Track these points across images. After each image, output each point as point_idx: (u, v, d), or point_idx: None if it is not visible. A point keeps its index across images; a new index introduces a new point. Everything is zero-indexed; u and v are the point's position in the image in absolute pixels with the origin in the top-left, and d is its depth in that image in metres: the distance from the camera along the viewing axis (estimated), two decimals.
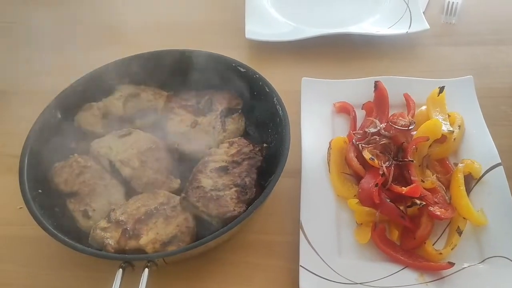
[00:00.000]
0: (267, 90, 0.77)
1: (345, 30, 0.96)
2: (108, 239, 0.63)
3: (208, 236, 0.60)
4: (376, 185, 0.67)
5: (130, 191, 0.71)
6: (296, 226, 0.67)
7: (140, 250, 0.63)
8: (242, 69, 0.80)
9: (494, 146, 0.72)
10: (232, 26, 1.03)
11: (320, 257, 0.64)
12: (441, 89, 0.78)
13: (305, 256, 0.64)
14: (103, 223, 0.66)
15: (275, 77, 0.85)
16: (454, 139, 0.73)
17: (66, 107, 0.78)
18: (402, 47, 0.97)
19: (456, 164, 0.72)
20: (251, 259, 0.68)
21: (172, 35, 1.04)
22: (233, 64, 0.81)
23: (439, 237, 0.66)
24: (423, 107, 0.79)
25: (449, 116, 0.77)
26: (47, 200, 0.68)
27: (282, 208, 0.73)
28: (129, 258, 0.58)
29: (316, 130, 0.80)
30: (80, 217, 0.67)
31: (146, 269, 0.58)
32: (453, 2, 1.02)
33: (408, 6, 0.99)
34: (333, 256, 0.65)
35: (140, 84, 0.84)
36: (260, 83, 0.78)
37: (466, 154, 0.74)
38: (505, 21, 1.00)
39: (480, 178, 0.70)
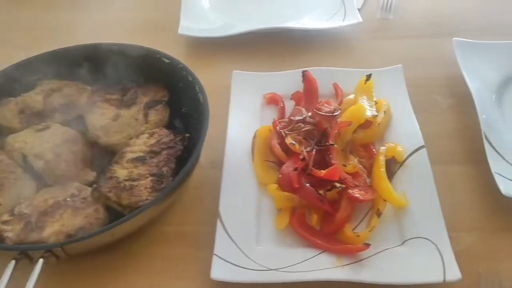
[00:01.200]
0: (190, 79, 0.75)
1: (278, 25, 0.95)
2: (8, 232, 0.59)
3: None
4: (296, 169, 0.65)
5: (43, 186, 0.68)
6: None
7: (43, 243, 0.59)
8: (166, 60, 0.78)
9: (419, 130, 0.71)
10: (169, 24, 1.01)
11: (237, 245, 0.61)
12: (368, 76, 0.78)
13: (220, 245, 0.61)
14: (5, 217, 0.62)
15: (210, 72, 0.85)
16: (379, 124, 0.72)
17: None
18: (338, 42, 0.96)
19: None
20: (169, 251, 0.65)
21: (107, 34, 1.01)
22: (157, 56, 0.79)
23: (361, 221, 0.64)
24: (351, 96, 0.78)
25: (376, 103, 0.76)
26: None
27: (204, 199, 0.70)
28: (22, 248, 0.55)
29: (244, 121, 0.78)
30: None
31: (41, 260, 0.54)
32: None
33: (343, 2, 0.99)
34: (251, 243, 0.62)
35: (64, 79, 0.81)
36: (184, 72, 0.76)
37: (391, 139, 0.73)
38: (439, 15, 1.01)
39: (404, 161, 0.69)
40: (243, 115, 0.79)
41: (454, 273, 0.55)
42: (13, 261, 0.54)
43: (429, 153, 0.69)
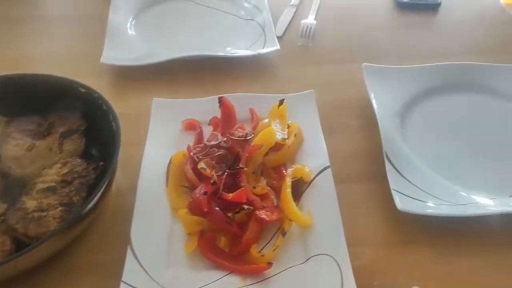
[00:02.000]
0: (105, 108, 0.76)
1: (200, 53, 0.98)
2: None
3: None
4: (205, 193, 0.66)
5: None
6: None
7: None
8: (82, 89, 0.79)
9: (326, 151, 0.75)
10: (94, 53, 1.02)
11: (145, 271, 0.62)
12: (281, 101, 0.81)
13: (129, 272, 0.61)
14: None
15: (133, 100, 0.89)
16: (289, 146, 0.75)
17: None
18: (259, 69, 1.00)
19: None
20: (78, 282, 0.64)
21: (31, 66, 1.01)
22: (74, 85, 0.80)
23: (269, 241, 0.66)
24: (266, 120, 0.81)
25: (288, 126, 0.80)
26: None
27: (119, 227, 0.70)
28: None
29: (161, 148, 0.79)
30: None
31: None
32: (307, 27, 1.08)
33: (263, 30, 1.04)
34: (160, 268, 0.63)
35: None
36: (99, 101, 0.77)
37: (302, 160, 0.76)
38: (352, 43, 1.07)
39: (311, 181, 0.72)
40: (161, 141, 0.80)
41: (350, 287, 0.58)
42: None
43: (337, 173, 0.73)
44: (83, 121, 0.80)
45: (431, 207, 0.67)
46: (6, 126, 0.79)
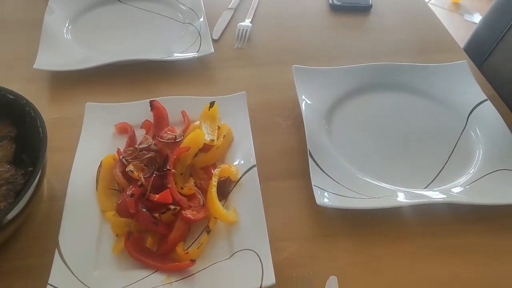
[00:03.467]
0: (33, 114, 0.76)
1: (135, 57, 0.99)
2: None
3: None
4: (132, 195, 0.68)
5: None
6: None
7: None
8: (11, 96, 0.79)
9: (253, 150, 0.78)
10: (29, 59, 1.01)
11: (72, 273, 0.63)
12: (212, 104, 0.84)
13: (55, 274, 0.63)
14: None
15: (67, 105, 0.91)
16: (218, 147, 0.78)
17: None
18: (194, 72, 1.02)
19: None
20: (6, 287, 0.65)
21: None
22: (2, 92, 0.80)
23: (196, 239, 0.69)
24: (197, 122, 0.84)
25: (219, 127, 0.82)
26: None
27: (48, 232, 0.71)
28: None
29: (93, 152, 0.80)
30: None
31: None
32: (242, 30, 1.11)
33: (199, 33, 1.06)
34: (88, 270, 0.64)
35: None
36: (27, 108, 0.77)
37: (231, 160, 0.79)
38: (286, 45, 1.11)
39: (238, 180, 0.75)
40: (92, 145, 0.81)
41: (269, 279, 0.61)
42: None
43: (264, 171, 0.76)
44: (12, 128, 0.80)
45: (348, 201, 0.71)
46: None
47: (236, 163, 0.78)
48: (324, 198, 0.71)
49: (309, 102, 0.89)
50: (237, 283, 0.62)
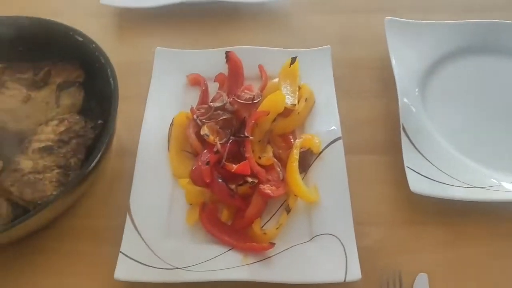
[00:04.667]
0: (103, 61, 0.70)
1: None
2: None
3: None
4: (207, 163, 0.63)
5: None
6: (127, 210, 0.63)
7: None
8: (79, 38, 0.73)
9: (338, 120, 0.70)
10: None
11: (145, 242, 0.60)
12: (293, 59, 0.75)
13: (127, 242, 0.60)
14: None
15: (134, 47, 0.85)
16: (298, 113, 0.70)
17: None
18: (268, 17, 0.92)
19: None
20: (76, 247, 0.63)
21: (22, 4, 0.94)
22: (71, 33, 0.74)
23: (273, 215, 0.64)
24: (276, 79, 0.75)
25: (299, 88, 0.74)
26: None
27: (118, 191, 0.68)
28: None
29: (164, 105, 0.74)
30: None
31: None
32: None
33: None
34: (160, 240, 0.61)
35: None
36: (97, 53, 0.71)
37: (312, 128, 0.71)
38: None
39: (320, 153, 0.68)
40: (163, 97, 0.75)
41: (354, 274, 0.56)
42: None
43: (348, 142, 0.69)
44: (81, 72, 0.75)
45: (447, 189, 0.63)
46: (0, 73, 0.74)
47: (317, 131, 0.70)
48: (420, 184, 0.63)
49: (401, 65, 0.77)
50: (319, 272, 0.57)
